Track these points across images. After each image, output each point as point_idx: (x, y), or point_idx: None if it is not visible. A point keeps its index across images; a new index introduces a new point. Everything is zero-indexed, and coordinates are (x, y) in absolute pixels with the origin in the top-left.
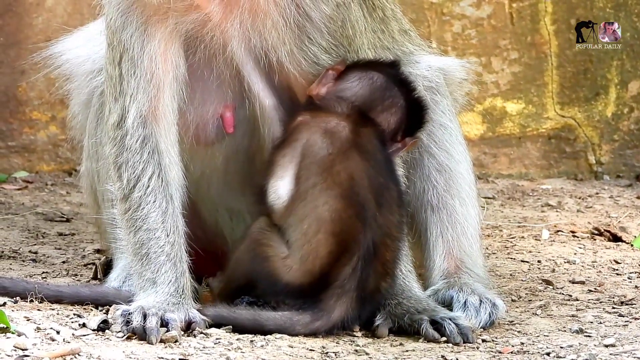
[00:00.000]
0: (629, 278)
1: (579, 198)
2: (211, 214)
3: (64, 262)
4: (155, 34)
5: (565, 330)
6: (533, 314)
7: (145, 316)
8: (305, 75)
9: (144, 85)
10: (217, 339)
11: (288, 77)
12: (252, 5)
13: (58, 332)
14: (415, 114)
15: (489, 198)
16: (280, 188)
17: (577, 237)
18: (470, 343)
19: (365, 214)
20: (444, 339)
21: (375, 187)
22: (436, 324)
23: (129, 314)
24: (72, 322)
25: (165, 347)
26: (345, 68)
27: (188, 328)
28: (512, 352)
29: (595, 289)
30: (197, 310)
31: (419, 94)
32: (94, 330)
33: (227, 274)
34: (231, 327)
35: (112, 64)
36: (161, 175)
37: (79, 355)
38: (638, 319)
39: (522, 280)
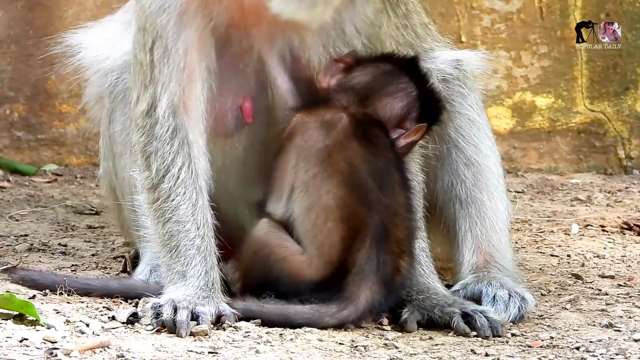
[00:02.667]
0: None
1: (609, 192)
2: (230, 207)
3: (93, 255)
4: (193, 21)
5: (594, 325)
6: (562, 308)
7: (175, 309)
8: None
9: (177, 75)
10: (246, 332)
11: (313, 73)
12: None
13: (87, 325)
14: (425, 103)
15: (518, 192)
16: (278, 202)
17: (607, 232)
18: (499, 337)
19: (369, 197)
20: (474, 333)
21: (375, 172)
22: (467, 317)
23: (160, 306)
24: (101, 315)
25: (195, 341)
26: (356, 60)
27: (218, 321)
28: (541, 347)
29: (624, 283)
30: (226, 303)
31: (431, 84)
32: (123, 323)
33: (242, 280)
34: (260, 320)
35: (143, 49)
36: (191, 167)
37: (108, 348)
38: None
39: (551, 274)
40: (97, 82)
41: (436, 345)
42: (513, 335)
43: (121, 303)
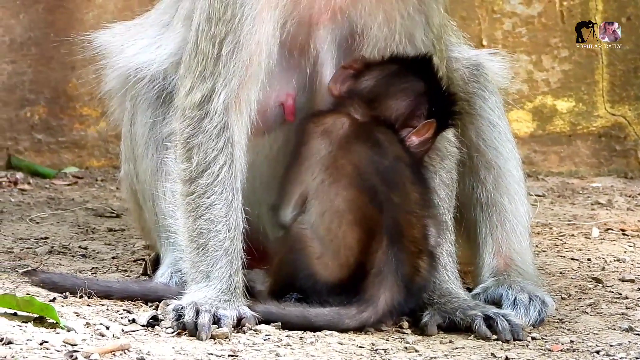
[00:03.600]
0: None
1: (629, 196)
2: (253, 208)
3: (113, 257)
4: (270, 18)
5: (615, 329)
6: (583, 312)
7: (197, 312)
8: None
9: (240, 72)
10: (266, 335)
11: None
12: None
13: (108, 328)
14: (432, 99)
15: (539, 196)
16: (288, 209)
17: (627, 236)
18: (520, 340)
19: (379, 197)
20: (494, 337)
21: (381, 171)
22: (489, 320)
23: (182, 308)
24: (121, 318)
25: (215, 344)
26: (365, 65)
27: (238, 324)
28: (561, 350)
29: None
30: (247, 306)
31: (439, 79)
32: (143, 325)
33: (273, 274)
34: (280, 323)
35: (211, 39)
36: (232, 168)
37: (128, 350)
38: None
39: (571, 278)
40: (142, 88)
41: (456, 348)
42: (533, 338)
43: (141, 306)
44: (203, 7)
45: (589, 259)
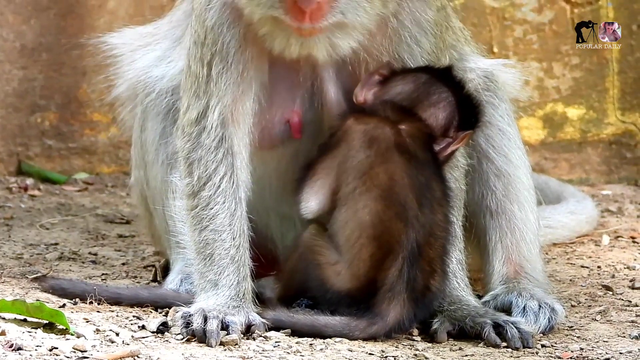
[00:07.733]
0: None
1: (639, 204)
2: (262, 217)
3: (123, 263)
4: (255, 38)
5: (624, 336)
6: (592, 319)
7: (205, 319)
8: None
9: (232, 88)
10: (276, 342)
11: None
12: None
13: (117, 334)
14: (466, 109)
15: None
16: (312, 201)
17: (637, 243)
18: (530, 348)
19: (407, 214)
20: (504, 344)
21: (416, 187)
22: (499, 328)
23: (190, 315)
24: (131, 324)
25: (225, 350)
26: (391, 72)
27: (248, 331)
28: (571, 358)
29: None
30: (256, 313)
31: (469, 90)
32: (153, 332)
33: (283, 281)
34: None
35: (200, 61)
36: (233, 177)
37: (138, 357)
38: None
39: (581, 285)
40: (151, 102)
41: (466, 356)
42: (543, 346)
43: (151, 312)
44: (190, 32)
45: (598, 267)
